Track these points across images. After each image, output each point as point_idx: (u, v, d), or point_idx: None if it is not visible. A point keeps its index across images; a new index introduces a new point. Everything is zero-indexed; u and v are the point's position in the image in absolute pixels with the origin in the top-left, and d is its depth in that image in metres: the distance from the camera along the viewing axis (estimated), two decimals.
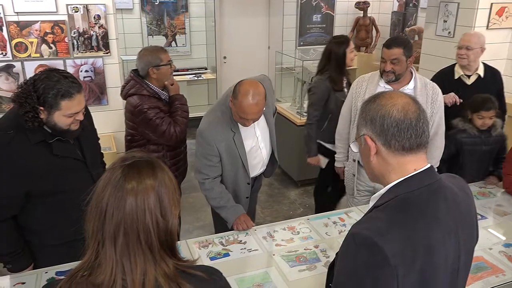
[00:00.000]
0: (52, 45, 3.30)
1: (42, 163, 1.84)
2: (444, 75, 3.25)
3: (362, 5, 6.61)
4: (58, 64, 3.28)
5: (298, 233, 2.24)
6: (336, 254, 1.16)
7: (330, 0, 6.75)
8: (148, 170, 1.00)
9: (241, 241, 2.16)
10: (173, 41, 6.12)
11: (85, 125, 2.02)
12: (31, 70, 3.24)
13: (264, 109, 2.18)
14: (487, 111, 2.76)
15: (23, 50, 3.25)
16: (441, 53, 4.24)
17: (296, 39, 6.75)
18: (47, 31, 3.26)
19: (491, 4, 4.01)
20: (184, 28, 6.12)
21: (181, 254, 1.06)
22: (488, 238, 2.19)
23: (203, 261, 1.98)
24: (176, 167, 2.77)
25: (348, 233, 1.09)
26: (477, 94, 2.91)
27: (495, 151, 2.86)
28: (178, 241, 1.60)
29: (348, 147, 2.83)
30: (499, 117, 2.92)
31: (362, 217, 1.16)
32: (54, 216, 1.94)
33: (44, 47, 3.29)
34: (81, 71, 3.42)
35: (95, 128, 2.22)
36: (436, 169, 2.67)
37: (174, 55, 5.93)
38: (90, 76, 3.47)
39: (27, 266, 1.98)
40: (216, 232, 2.48)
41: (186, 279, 0.99)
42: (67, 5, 3.26)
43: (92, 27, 3.36)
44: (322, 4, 6.73)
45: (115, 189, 0.96)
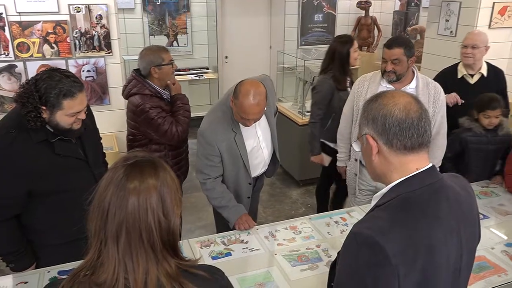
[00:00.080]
0: (54, 45, 3.31)
1: (44, 162, 1.84)
2: (447, 74, 3.23)
3: (364, 5, 6.61)
4: (60, 64, 3.28)
5: (300, 232, 2.24)
6: (338, 253, 1.16)
7: (331, 0, 6.75)
8: (150, 169, 1.00)
9: (243, 240, 2.17)
10: (174, 41, 6.12)
11: (87, 125, 2.03)
12: (33, 70, 3.24)
13: (265, 109, 2.18)
14: (493, 110, 2.75)
15: (25, 50, 3.25)
16: (443, 53, 4.23)
17: (297, 39, 6.75)
18: (49, 31, 3.26)
19: (493, 3, 4.00)
20: (186, 28, 6.13)
21: (183, 254, 1.06)
22: (490, 238, 2.19)
23: (205, 260, 1.98)
24: (178, 166, 2.78)
25: (349, 232, 1.09)
26: (480, 93, 2.90)
27: (501, 150, 2.84)
28: (180, 241, 1.61)
29: (350, 146, 2.82)
30: (505, 116, 2.91)
31: (363, 216, 1.16)
32: (56, 216, 1.95)
33: (46, 47, 3.29)
34: (83, 71, 3.43)
35: (97, 128, 2.22)
36: (441, 167, 2.70)
37: (176, 55, 5.92)
38: (92, 76, 3.47)
39: (29, 266, 1.99)
40: (217, 232, 2.48)
41: (188, 278, 0.99)
42: (69, 5, 3.26)
43: (94, 27, 3.37)
44: (324, 4, 6.72)
45: (117, 189, 0.96)
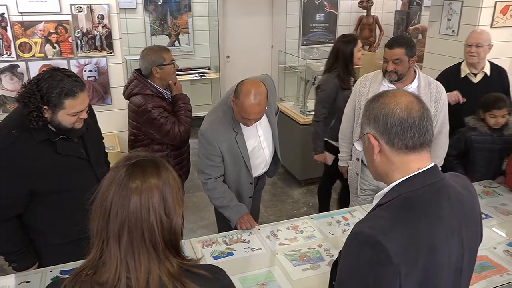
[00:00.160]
0: (56, 45, 3.31)
1: (46, 161, 1.85)
2: (450, 73, 3.23)
3: (366, 4, 6.60)
4: (62, 64, 3.29)
5: (302, 232, 2.24)
6: (339, 252, 1.16)
7: None
8: (152, 169, 1.00)
9: (244, 240, 2.17)
10: (176, 41, 6.13)
11: (89, 124, 2.03)
12: (35, 70, 3.25)
13: (266, 109, 2.17)
14: (499, 109, 2.75)
15: (27, 50, 3.26)
16: (445, 52, 4.23)
17: (299, 38, 6.75)
18: (51, 31, 3.27)
19: (495, 2, 3.99)
20: (187, 27, 6.13)
21: (185, 253, 1.06)
22: (493, 237, 2.18)
23: (207, 260, 1.98)
24: (180, 166, 2.78)
25: (351, 231, 1.09)
26: (483, 92, 2.90)
27: (507, 150, 2.82)
28: (182, 240, 1.61)
29: (352, 146, 2.82)
30: (510, 115, 2.90)
31: (365, 216, 1.16)
32: (58, 215, 1.95)
33: (48, 47, 3.30)
34: (85, 71, 3.44)
35: (99, 127, 2.22)
36: (447, 165, 2.71)
37: (177, 55, 5.94)
38: (94, 76, 3.48)
39: (32, 265, 1.99)
40: (219, 231, 2.48)
41: (190, 278, 1.00)
42: (71, 5, 3.27)
43: (96, 27, 3.37)
44: (326, 3, 6.71)
45: (119, 188, 0.97)
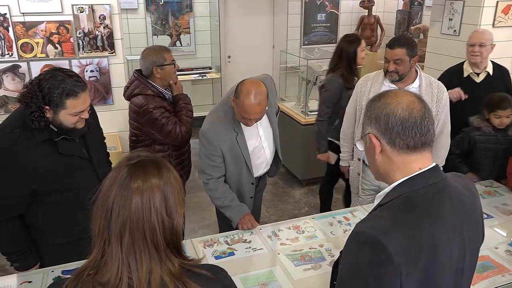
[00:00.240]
0: (57, 45, 3.32)
1: (48, 161, 1.85)
2: (453, 73, 3.23)
3: (367, 4, 6.59)
4: (63, 64, 3.30)
5: (303, 232, 2.24)
6: (341, 252, 1.16)
7: None
8: (154, 169, 1.00)
9: (246, 240, 2.17)
10: (177, 41, 6.13)
11: (91, 124, 2.03)
12: (37, 70, 3.26)
13: (266, 109, 2.17)
14: (504, 110, 2.74)
15: (29, 50, 3.27)
16: (447, 52, 4.22)
17: (300, 38, 6.74)
18: (53, 31, 3.28)
19: (497, 2, 3.98)
20: (189, 27, 6.13)
21: (186, 253, 1.06)
22: (494, 237, 2.18)
23: (208, 260, 1.98)
24: (181, 166, 2.78)
25: (352, 231, 1.09)
26: (486, 91, 2.90)
27: (511, 150, 2.82)
28: (183, 240, 1.61)
29: (353, 146, 2.82)
30: None
31: (366, 216, 1.16)
32: (60, 215, 1.95)
33: (49, 47, 3.31)
34: (86, 71, 3.44)
35: (101, 128, 2.23)
36: (451, 164, 2.73)
37: (179, 55, 5.95)
38: (96, 76, 3.48)
39: (33, 265, 1.99)
40: (220, 231, 2.48)
41: (191, 278, 1.00)
42: (72, 6, 3.27)
43: (97, 27, 3.38)
44: (327, 3, 6.71)
45: (121, 188, 0.97)
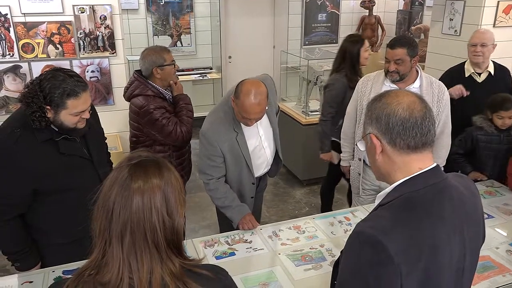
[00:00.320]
0: (58, 45, 3.32)
1: (49, 161, 1.85)
2: (454, 73, 3.24)
3: (368, 4, 6.59)
4: (64, 64, 3.30)
5: (304, 232, 2.24)
6: (341, 252, 1.16)
7: None
8: (155, 169, 1.00)
9: (246, 240, 2.17)
10: (178, 41, 6.13)
11: (92, 124, 2.03)
12: (38, 70, 3.26)
13: (266, 108, 2.18)
14: (506, 111, 2.74)
15: (30, 50, 3.27)
16: (447, 52, 4.22)
17: (301, 38, 6.74)
18: (54, 31, 3.28)
19: (498, 2, 3.97)
20: (189, 28, 6.14)
21: (187, 253, 1.06)
22: (495, 237, 2.18)
23: (209, 260, 1.99)
24: (182, 167, 2.78)
25: (352, 231, 1.09)
26: (488, 91, 2.90)
27: None
28: (184, 240, 1.61)
29: (354, 146, 2.82)
30: None
31: (367, 215, 1.17)
32: (61, 215, 1.96)
33: (50, 47, 3.31)
34: (87, 71, 3.44)
35: (102, 128, 2.23)
36: (455, 163, 2.76)
37: (179, 55, 5.95)
38: (96, 76, 3.49)
39: (34, 265, 2.00)
40: (221, 232, 2.48)
41: (192, 278, 1.00)
42: (73, 6, 3.28)
43: (98, 27, 3.38)
44: (327, 3, 6.71)
45: (121, 188, 0.97)
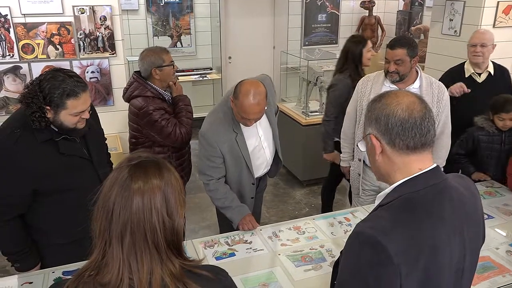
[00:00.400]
0: (58, 46, 3.32)
1: (49, 161, 1.85)
2: (454, 73, 3.24)
3: (368, 4, 6.59)
4: (64, 65, 3.30)
5: (304, 233, 2.24)
6: (341, 252, 1.16)
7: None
8: (155, 170, 1.00)
9: (246, 241, 2.17)
10: (178, 42, 6.13)
11: (91, 124, 2.04)
12: (38, 71, 3.25)
13: (265, 109, 2.18)
14: (507, 113, 2.74)
15: (30, 51, 3.27)
16: (447, 52, 4.22)
17: (301, 39, 6.74)
18: (54, 32, 3.28)
19: (498, 2, 3.98)
20: (189, 28, 6.13)
21: (187, 254, 1.06)
22: (495, 238, 2.18)
23: (209, 261, 1.99)
24: (182, 167, 2.78)
25: (352, 231, 1.09)
26: (488, 91, 2.91)
27: None
28: (184, 241, 1.61)
29: (354, 146, 2.83)
30: None
31: (367, 216, 1.17)
32: (61, 215, 1.96)
33: (50, 48, 3.31)
34: (87, 72, 3.44)
35: (102, 128, 2.23)
36: (456, 164, 2.77)
37: (179, 56, 5.96)
38: (96, 77, 3.49)
39: (34, 265, 2.00)
40: (221, 232, 2.48)
41: (192, 278, 1.00)
42: (73, 7, 3.28)
43: (98, 28, 3.38)
44: (327, 4, 6.71)
45: (121, 189, 0.97)
